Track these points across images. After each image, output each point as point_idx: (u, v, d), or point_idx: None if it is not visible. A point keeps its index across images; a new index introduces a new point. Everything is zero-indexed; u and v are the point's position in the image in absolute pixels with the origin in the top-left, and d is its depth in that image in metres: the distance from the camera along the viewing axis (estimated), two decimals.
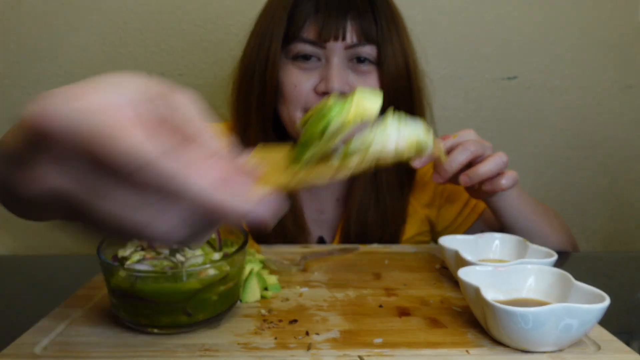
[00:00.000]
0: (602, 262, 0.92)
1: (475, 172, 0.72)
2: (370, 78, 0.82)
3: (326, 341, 0.53)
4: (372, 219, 0.89)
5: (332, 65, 0.79)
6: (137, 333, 0.54)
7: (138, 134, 0.25)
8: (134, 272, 0.53)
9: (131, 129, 0.25)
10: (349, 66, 0.81)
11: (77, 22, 1.33)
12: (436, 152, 0.48)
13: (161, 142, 0.25)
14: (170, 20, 1.34)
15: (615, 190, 1.48)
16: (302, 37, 0.80)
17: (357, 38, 0.80)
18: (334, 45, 0.79)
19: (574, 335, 0.49)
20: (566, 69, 1.41)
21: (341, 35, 0.78)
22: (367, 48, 0.80)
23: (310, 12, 0.79)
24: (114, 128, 0.24)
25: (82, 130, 0.24)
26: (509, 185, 0.74)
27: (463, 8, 1.36)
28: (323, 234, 0.96)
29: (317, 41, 0.79)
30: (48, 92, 0.26)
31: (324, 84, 0.79)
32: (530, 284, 0.57)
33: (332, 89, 0.78)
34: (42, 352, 0.50)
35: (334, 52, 0.79)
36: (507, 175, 0.74)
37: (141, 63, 1.35)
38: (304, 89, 0.80)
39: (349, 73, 0.81)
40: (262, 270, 0.68)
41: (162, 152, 0.25)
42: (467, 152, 0.72)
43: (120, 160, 0.24)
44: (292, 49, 0.81)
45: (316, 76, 0.81)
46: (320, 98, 0.80)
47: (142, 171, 0.25)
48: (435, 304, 0.62)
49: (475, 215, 0.94)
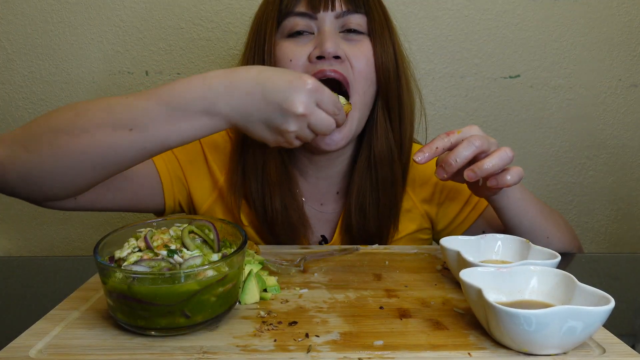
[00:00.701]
0: (606, 263, 0.91)
1: (480, 166, 0.71)
2: (362, 46, 0.84)
3: (326, 343, 0.52)
4: (370, 211, 0.89)
5: (324, 31, 0.82)
6: (134, 335, 0.54)
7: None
8: (131, 273, 0.52)
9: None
10: (342, 36, 0.84)
11: (74, 20, 1.33)
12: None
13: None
14: (168, 18, 1.33)
15: (619, 191, 1.47)
16: (293, 11, 0.83)
17: (346, 7, 0.83)
18: (324, 15, 0.82)
19: (578, 338, 0.48)
20: (570, 67, 1.40)
21: (330, 4, 0.82)
22: (356, 17, 0.84)
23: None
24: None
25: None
26: (514, 181, 0.73)
27: (464, 5, 1.35)
28: (323, 227, 0.95)
29: (308, 12, 0.82)
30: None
31: (318, 49, 0.81)
32: (533, 286, 0.57)
33: (326, 51, 0.80)
34: (37, 355, 0.50)
35: (325, 21, 0.83)
36: (512, 171, 0.73)
37: (139, 61, 1.35)
38: (299, 61, 0.82)
39: (341, 40, 0.83)
40: (261, 271, 0.67)
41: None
42: (472, 146, 0.71)
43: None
44: (285, 25, 0.84)
45: (310, 47, 0.83)
46: (316, 65, 0.81)
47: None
48: (436, 306, 0.62)
49: (477, 214, 0.93)
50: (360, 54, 0.83)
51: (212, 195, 0.92)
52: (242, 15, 1.31)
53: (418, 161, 0.72)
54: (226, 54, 1.35)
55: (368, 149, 0.89)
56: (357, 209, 0.89)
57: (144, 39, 1.34)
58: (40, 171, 0.67)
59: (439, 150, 0.73)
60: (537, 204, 0.85)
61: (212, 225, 0.62)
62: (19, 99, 1.36)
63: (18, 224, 1.43)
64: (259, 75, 0.66)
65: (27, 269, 0.88)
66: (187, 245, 0.58)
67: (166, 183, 0.89)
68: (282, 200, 0.87)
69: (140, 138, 0.65)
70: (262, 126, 0.67)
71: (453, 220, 0.95)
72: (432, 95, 1.39)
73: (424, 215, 0.96)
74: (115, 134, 0.65)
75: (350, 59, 0.82)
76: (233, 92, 0.66)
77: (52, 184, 0.68)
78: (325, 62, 0.80)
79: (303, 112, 0.65)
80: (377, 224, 0.90)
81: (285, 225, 0.88)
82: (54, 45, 1.34)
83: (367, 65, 0.83)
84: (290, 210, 0.88)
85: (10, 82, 1.35)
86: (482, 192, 0.80)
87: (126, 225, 0.62)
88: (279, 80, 0.66)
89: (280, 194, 0.87)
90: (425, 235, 0.98)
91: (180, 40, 1.34)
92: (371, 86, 0.85)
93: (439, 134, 0.75)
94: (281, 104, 0.65)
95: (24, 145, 0.66)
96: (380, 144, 0.88)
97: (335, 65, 0.80)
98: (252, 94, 0.66)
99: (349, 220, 0.90)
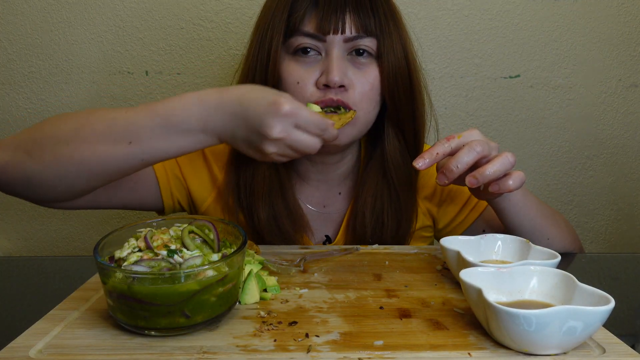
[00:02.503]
0: (606, 263, 0.91)
1: (482, 173, 0.71)
2: (369, 72, 0.83)
3: (326, 343, 0.52)
4: (387, 214, 0.89)
5: (332, 58, 0.80)
6: (134, 335, 0.54)
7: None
8: (131, 273, 0.52)
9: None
10: (349, 59, 0.82)
11: (74, 20, 1.33)
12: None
13: None
14: (168, 18, 1.33)
15: (620, 191, 1.47)
16: (302, 30, 0.81)
17: (356, 30, 0.80)
18: (333, 38, 0.80)
19: (578, 338, 0.48)
20: (570, 67, 1.40)
21: (340, 28, 0.79)
22: (366, 40, 0.81)
23: (310, 6, 0.81)
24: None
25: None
26: (516, 187, 0.73)
27: (464, 5, 1.35)
28: (327, 228, 0.95)
29: (317, 34, 0.80)
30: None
31: (324, 76, 0.80)
32: (533, 286, 0.57)
33: (332, 81, 0.79)
34: (37, 355, 0.50)
35: (334, 44, 0.80)
36: (514, 176, 0.73)
37: (139, 61, 1.35)
38: (307, 85, 0.81)
39: (348, 66, 0.82)
40: (261, 271, 0.67)
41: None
42: (473, 152, 0.71)
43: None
44: (292, 42, 0.82)
45: (317, 70, 0.81)
46: (322, 92, 0.80)
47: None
48: (436, 306, 0.62)
49: (476, 215, 0.93)
50: (365, 80, 0.82)
51: (212, 194, 0.92)
52: (242, 15, 1.31)
53: (418, 167, 0.72)
54: (226, 54, 1.34)
55: (381, 154, 0.89)
56: (370, 211, 0.89)
57: (144, 39, 1.34)
58: (42, 177, 0.70)
59: (440, 156, 0.73)
60: (538, 205, 0.85)
61: (212, 225, 0.62)
62: (19, 99, 1.36)
63: (18, 224, 1.43)
64: (243, 97, 0.68)
65: (27, 269, 0.88)
66: (187, 245, 0.58)
67: (163, 182, 0.89)
68: (270, 209, 0.87)
69: (138, 151, 0.68)
70: (246, 145, 0.70)
71: (453, 220, 0.95)
72: (432, 95, 1.38)
73: (425, 212, 0.96)
74: (115, 146, 0.68)
75: (354, 86, 0.81)
76: (220, 112, 0.68)
77: (52, 188, 0.71)
78: (331, 91, 0.80)
79: (278, 137, 0.66)
80: (393, 227, 0.90)
81: (274, 234, 0.88)
82: (54, 45, 1.34)
83: (371, 90, 0.82)
84: (281, 218, 0.88)
85: (10, 82, 1.35)
86: (484, 195, 0.80)
87: (126, 225, 0.62)
88: (258, 103, 0.67)
89: (269, 203, 0.87)
90: (428, 233, 0.98)
91: (180, 40, 1.34)
92: (375, 107, 0.85)
93: (439, 136, 0.75)
94: (258, 128, 0.66)
95: (26, 151, 0.69)
96: (392, 149, 0.88)
97: (339, 95, 0.80)
98: (235, 115, 0.68)
99: (355, 222, 0.90)
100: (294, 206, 0.89)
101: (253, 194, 0.87)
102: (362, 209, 0.89)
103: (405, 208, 0.90)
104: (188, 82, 1.36)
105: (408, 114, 0.87)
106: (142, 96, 1.35)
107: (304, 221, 0.91)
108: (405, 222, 0.91)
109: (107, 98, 1.36)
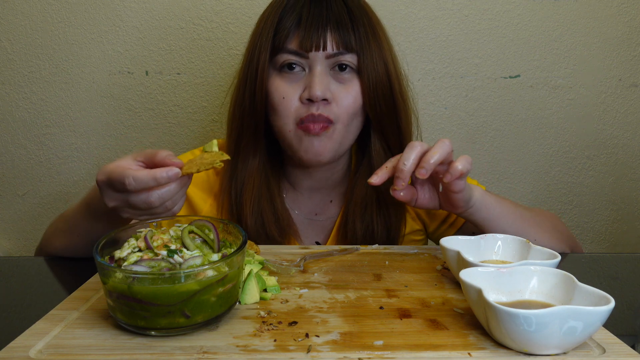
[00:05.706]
0: (606, 263, 0.91)
1: (426, 161, 0.71)
2: (350, 86, 0.86)
3: (326, 343, 0.52)
4: (376, 222, 0.91)
5: (314, 73, 0.84)
6: (134, 335, 0.54)
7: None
8: (131, 273, 0.52)
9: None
10: (331, 74, 0.86)
11: (74, 20, 1.33)
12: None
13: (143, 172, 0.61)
14: (168, 18, 1.33)
15: (620, 191, 1.47)
16: (286, 48, 0.85)
17: (337, 47, 0.85)
18: (315, 55, 0.84)
19: (578, 338, 0.48)
20: (570, 67, 1.40)
21: (322, 44, 0.84)
22: (347, 56, 0.85)
23: (293, 25, 0.85)
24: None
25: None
26: (465, 168, 0.73)
27: (464, 5, 1.35)
28: (317, 235, 0.97)
29: (300, 51, 0.84)
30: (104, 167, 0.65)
31: (307, 91, 0.84)
32: (533, 286, 0.57)
33: (314, 95, 0.82)
34: (37, 355, 0.50)
35: (316, 61, 0.84)
36: (459, 159, 0.73)
37: (139, 62, 1.35)
38: (291, 100, 0.85)
39: (330, 81, 0.85)
40: (261, 271, 0.67)
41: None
42: (415, 149, 0.72)
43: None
44: (278, 59, 0.86)
45: (301, 86, 0.85)
46: (305, 107, 0.84)
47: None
48: (436, 306, 0.62)
49: (454, 230, 0.96)
50: (347, 94, 0.86)
51: (208, 201, 0.96)
52: (242, 15, 1.31)
53: (373, 182, 0.74)
54: (226, 54, 1.35)
55: (368, 163, 0.92)
56: (360, 218, 0.92)
57: (144, 39, 1.34)
58: (64, 253, 0.89)
59: (390, 168, 0.74)
60: (514, 210, 0.85)
61: (212, 225, 0.63)
62: (19, 99, 1.36)
63: (18, 224, 1.43)
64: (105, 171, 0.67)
65: (27, 269, 0.88)
66: (187, 245, 0.58)
67: None
68: (257, 216, 0.90)
69: (94, 229, 0.78)
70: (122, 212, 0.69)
71: (443, 221, 0.98)
72: (432, 95, 1.39)
73: (415, 218, 0.98)
74: (86, 230, 0.82)
75: (337, 99, 0.85)
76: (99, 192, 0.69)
77: (75, 254, 0.88)
78: (313, 106, 0.83)
79: (113, 207, 0.65)
80: (382, 232, 0.92)
81: (261, 241, 0.90)
82: (54, 45, 1.34)
83: (354, 102, 0.86)
84: (268, 224, 0.90)
85: (10, 82, 1.35)
86: (450, 198, 0.78)
87: (126, 225, 0.62)
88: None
89: (257, 210, 0.90)
90: (418, 236, 1.00)
91: (180, 40, 1.34)
92: (356, 118, 0.88)
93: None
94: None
95: (51, 236, 0.91)
96: (378, 158, 0.91)
97: (321, 109, 0.83)
98: (100, 189, 0.67)
99: (346, 228, 0.93)
100: (282, 213, 0.92)
101: (242, 201, 0.90)
102: (352, 216, 0.92)
103: (395, 214, 0.92)
104: (188, 82, 1.36)
105: (391, 125, 0.90)
106: (142, 96, 1.35)
107: (292, 228, 0.93)
108: (395, 228, 0.93)
109: (107, 98, 1.36)
